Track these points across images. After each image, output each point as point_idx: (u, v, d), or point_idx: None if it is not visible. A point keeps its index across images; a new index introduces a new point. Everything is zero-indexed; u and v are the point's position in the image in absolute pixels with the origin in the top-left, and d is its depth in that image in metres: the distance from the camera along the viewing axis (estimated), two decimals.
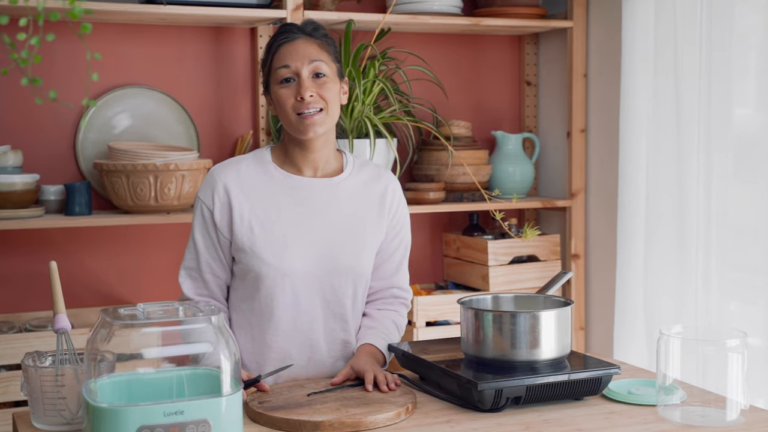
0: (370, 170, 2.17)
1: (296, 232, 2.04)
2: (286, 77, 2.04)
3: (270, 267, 2.02)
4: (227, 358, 1.54)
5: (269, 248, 2.02)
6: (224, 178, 2.07)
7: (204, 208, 2.07)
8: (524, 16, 3.27)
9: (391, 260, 2.17)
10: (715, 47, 2.63)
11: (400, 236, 2.17)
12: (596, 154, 3.29)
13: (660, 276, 2.84)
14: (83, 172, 2.99)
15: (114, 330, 1.52)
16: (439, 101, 3.40)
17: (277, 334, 2.05)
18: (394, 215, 2.16)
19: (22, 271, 2.96)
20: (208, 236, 2.07)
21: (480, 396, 1.73)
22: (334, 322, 2.08)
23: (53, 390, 1.66)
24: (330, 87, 2.05)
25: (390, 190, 2.15)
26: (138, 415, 1.46)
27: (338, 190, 2.10)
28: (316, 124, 2.03)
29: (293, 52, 2.05)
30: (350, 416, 1.67)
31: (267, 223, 2.04)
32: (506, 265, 3.25)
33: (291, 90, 2.03)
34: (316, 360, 2.08)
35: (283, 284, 2.03)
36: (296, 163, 2.10)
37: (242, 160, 2.11)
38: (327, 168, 2.13)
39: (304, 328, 2.06)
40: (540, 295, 2.00)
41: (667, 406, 1.72)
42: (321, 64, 2.05)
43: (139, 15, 2.82)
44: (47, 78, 2.92)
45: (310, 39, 2.07)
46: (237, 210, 2.04)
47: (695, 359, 1.71)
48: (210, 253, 2.08)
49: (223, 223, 2.05)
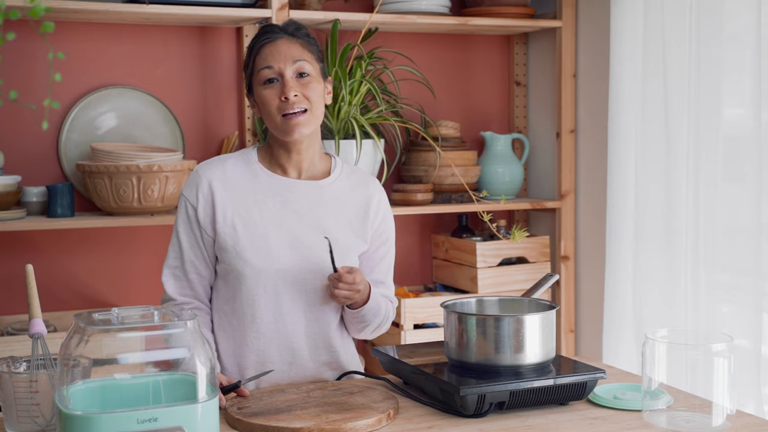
0: (357, 177, 2.15)
1: (279, 233, 2.02)
2: (270, 78, 2.02)
3: (252, 267, 2.00)
4: (203, 363, 1.51)
5: (251, 248, 2.00)
6: (209, 175, 2.05)
7: (188, 205, 2.05)
8: (513, 15, 3.24)
9: (377, 271, 2.14)
10: (703, 47, 2.60)
11: (385, 247, 2.15)
12: (585, 155, 3.27)
13: (649, 277, 2.82)
14: (66, 173, 2.96)
15: (87, 335, 1.49)
16: (427, 102, 3.38)
17: (258, 337, 2.03)
18: (380, 225, 2.13)
19: (3, 274, 2.92)
20: (192, 234, 2.05)
21: (462, 401, 1.71)
22: (317, 325, 2.06)
23: (27, 396, 1.63)
24: (314, 87, 2.03)
25: (376, 200, 2.13)
26: (111, 423, 1.44)
27: (323, 192, 2.08)
28: (301, 125, 2.01)
29: (276, 52, 2.03)
30: (330, 422, 1.65)
31: (250, 223, 2.02)
32: (495, 267, 3.22)
33: (275, 91, 2.01)
34: (298, 364, 2.06)
35: (266, 285, 2.01)
36: (282, 164, 2.09)
37: (228, 158, 2.10)
38: (312, 169, 2.11)
39: (285, 330, 2.04)
40: (525, 298, 1.98)
41: (653, 411, 1.70)
42: (304, 64, 2.03)
43: (122, 14, 2.79)
44: (28, 77, 2.89)
45: (293, 39, 2.05)
46: (220, 208, 2.03)
47: (681, 363, 1.68)
48: (194, 252, 2.06)
49: (206, 220, 2.04)
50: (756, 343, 2.47)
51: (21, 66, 2.88)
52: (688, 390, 1.74)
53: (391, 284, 2.19)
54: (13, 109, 2.90)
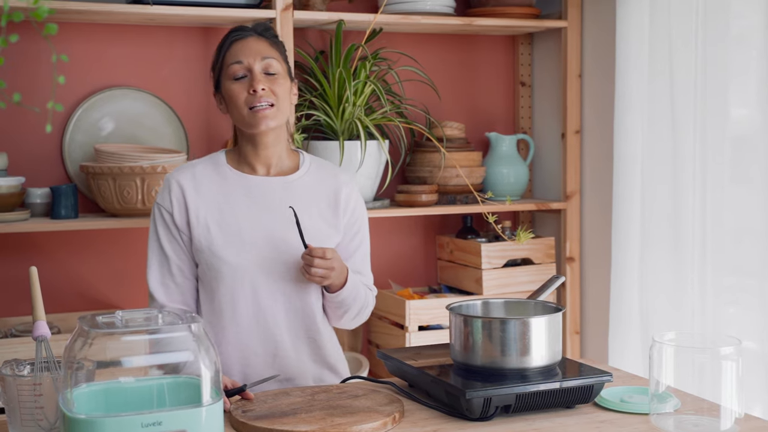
0: (326, 170, 2.19)
1: (253, 231, 2.07)
2: (239, 74, 2.08)
3: (228, 265, 2.04)
4: (207, 366, 1.50)
5: (227, 247, 2.05)
6: (180, 180, 2.11)
7: (164, 211, 2.10)
8: (518, 15, 3.23)
9: (352, 261, 2.18)
10: (710, 47, 2.59)
11: (359, 237, 2.19)
12: (591, 156, 3.26)
13: (655, 279, 2.80)
14: (70, 174, 2.95)
15: (91, 338, 1.48)
16: (432, 102, 3.37)
17: (239, 332, 2.07)
18: (351, 215, 2.17)
19: (8, 276, 2.92)
20: (174, 239, 2.09)
21: (468, 404, 1.69)
22: (297, 317, 2.09)
23: (30, 399, 1.62)
24: (281, 83, 2.09)
25: (346, 191, 2.17)
26: (115, 426, 1.42)
27: (293, 188, 2.13)
28: (268, 117, 2.06)
29: (246, 48, 2.10)
30: (335, 426, 1.63)
31: (223, 223, 2.07)
32: (500, 269, 3.21)
33: (243, 85, 2.08)
34: (281, 356, 2.09)
35: (243, 282, 2.05)
36: (250, 162, 2.13)
37: (197, 163, 2.15)
38: (281, 165, 2.15)
39: (266, 324, 2.08)
40: (531, 300, 1.96)
41: (660, 414, 1.68)
42: (272, 62, 2.09)
43: (126, 15, 2.78)
44: (32, 80, 2.88)
45: (261, 38, 2.12)
46: (193, 211, 2.08)
47: (689, 367, 1.67)
48: (179, 256, 2.09)
49: (183, 223, 2.08)
50: (763, 345, 2.45)
51: (24, 68, 2.87)
52: (696, 393, 1.73)
53: (368, 273, 2.22)
54: (16, 110, 2.89)
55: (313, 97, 3.04)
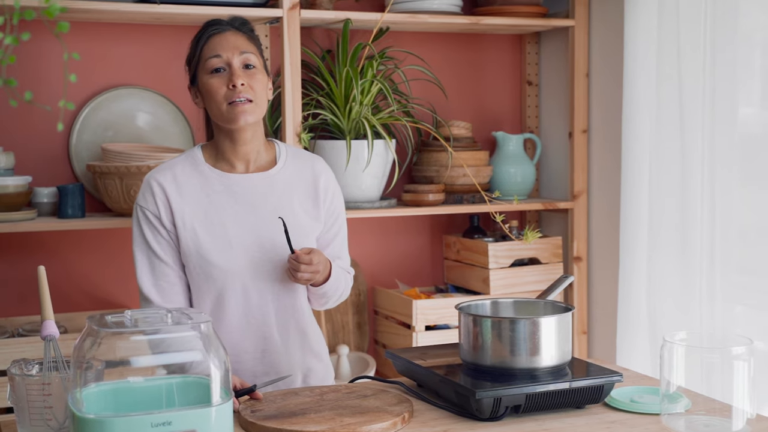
0: (302, 160, 2.19)
1: (238, 230, 2.06)
2: (218, 67, 2.06)
3: (217, 267, 2.04)
4: (217, 366, 1.49)
5: (214, 249, 2.04)
6: (161, 181, 2.09)
7: (149, 213, 2.08)
8: (525, 14, 3.22)
9: (332, 246, 2.19)
10: (719, 46, 2.58)
11: (338, 223, 2.21)
12: (598, 155, 3.25)
13: (663, 278, 2.79)
14: (77, 174, 2.95)
15: (101, 338, 1.47)
16: (439, 101, 3.36)
17: (229, 332, 2.07)
18: (330, 203, 2.18)
19: (15, 275, 2.92)
20: (164, 240, 2.08)
21: (478, 405, 1.69)
22: (286, 312, 2.11)
23: (39, 399, 1.62)
24: (259, 78, 2.08)
25: (323, 179, 2.18)
26: (125, 426, 1.42)
27: (273, 182, 2.13)
28: (247, 112, 2.04)
29: (224, 42, 2.08)
30: (344, 426, 1.63)
31: (209, 225, 2.06)
32: (507, 268, 3.20)
33: (222, 79, 2.06)
34: (270, 351, 2.10)
35: (233, 282, 2.05)
36: (228, 158, 2.12)
37: (176, 163, 2.13)
38: (259, 160, 2.15)
39: (256, 322, 2.08)
40: (540, 300, 1.96)
41: (671, 414, 1.67)
42: (251, 56, 2.09)
43: (133, 14, 2.77)
44: (37, 78, 2.88)
45: (239, 32, 2.12)
46: (179, 214, 2.06)
47: (700, 367, 1.66)
48: (171, 257, 2.08)
49: (170, 224, 2.07)
50: None
51: (31, 66, 2.87)
52: (707, 393, 1.72)
53: (346, 257, 2.24)
54: (23, 110, 2.89)
55: (320, 96, 3.03)
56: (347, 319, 3.24)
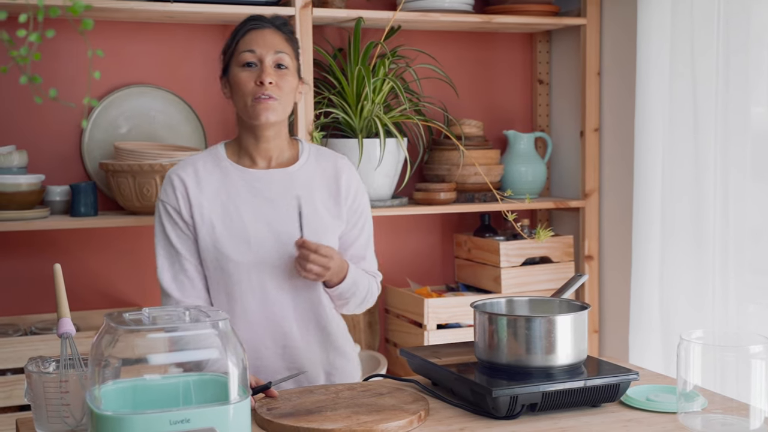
0: (325, 158, 2.19)
1: (257, 226, 2.07)
2: (250, 62, 2.08)
3: (235, 262, 2.05)
4: (234, 364, 1.49)
5: (231, 244, 2.05)
6: (182, 176, 2.10)
7: (170, 208, 2.09)
8: (536, 13, 3.22)
9: (355, 247, 2.18)
10: (732, 44, 2.57)
11: (361, 222, 2.19)
12: (610, 154, 3.24)
13: (676, 277, 2.79)
14: (89, 172, 2.96)
15: (119, 335, 1.47)
16: (450, 100, 3.36)
17: (249, 327, 2.07)
18: (353, 201, 2.17)
19: (27, 273, 2.92)
20: (184, 234, 2.09)
21: (495, 403, 1.69)
22: (305, 308, 2.11)
23: (57, 396, 1.62)
24: (289, 80, 2.09)
25: (345, 177, 2.17)
26: (143, 424, 1.42)
27: (294, 179, 2.12)
28: (269, 109, 2.05)
29: (260, 39, 2.09)
30: (361, 424, 1.63)
31: (227, 220, 2.07)
32: (518, 267, 3.20)
33: (252, 74, 2.07)
34: (291, 347, 2.10)
35: (250, 277, 2.06)
36: (250, 154, 2.13)
37: (197, 159, 2.14)
38: (281, 158, 2.15)
39: (275, 317, 2.08)
40: (555, 298, 1.95)
41: (688, 413, 1.67)
42: (284, 56, 2.09)
43: (146, 13, 2.78)
44: (51, 76, 2.88)
45: (278, 31, 2.12)
46: (197, 208, 2.07)
47: (716, 365, 1.65)
48: (190, 251, 2.09)
49: (189, 219, 2.08)
50: None
51: (44, 65, 2.87)
52: (723, 392, 1.72)
53: (372, 259, 2.22)
54: (36, 108, 2.90)
55: (332, 94, 3.03)
56: (358, 317, 3.24)
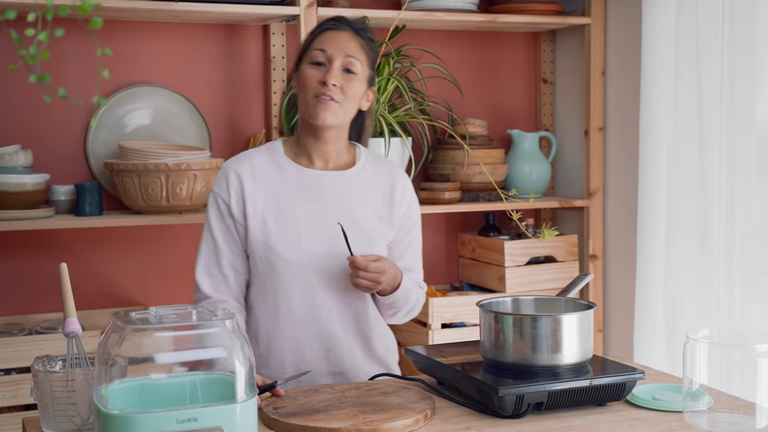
0: (382, 165, 2.17)
1: (309, 225, 2.04)
2: (319, 60, 2.05)
3: (283, 260, 2.02)
4: (241, 363, 1.49)
5: (282, 241, 2.02)
6: (238, 170, 2.08)
7: (220, 201, 2.07)
8: (541, 12, 3.22)
9: (406, 257, 2.16)
10: (738, 44, 2.57)
11: (413, 233, 2.17)
12: (615, 153, 3.24)
13: (681, 277, 2.79)
14: (94, 171, 2.96)
15: (126, 334, 1.48)
16: (455, 99, 3.36)
17: (294, 327, 2.05)
18: (406, 212, 2.15)
19: (32, 273, 2.93)
20: (227, 230, 2.07)
21: (501, 402, 1.69)
22: (350, 313, 2.08)
23: (63, 395, 1.63)
24: (355, 85, 2.05)
25: (401, 186, 2.15)
26: (150, 422, 1.42)
27: (350, 182, 2.11)
28: (329, 111, 2.03)
29: (334, 40, 2.07)
30: (367, 423, 1.63)
31: (279, 217, 2.04)
32: (523, 266, 3.20)
33: (318, 73, 2.04)
34: (335, 350, 2.08)
35: (298, 277, 2.03)
36: (308, 154, 2.11)
37: (255, 153, 2.12)
38: (339, 161, 2.13)
39: (321, 319, 2.06)
40: (561, 297, 1.95)
41: (694, 412, 1.67)
42: (355, 62, 2.06)
43: (150, 12, 2.78)
44: (57, 76, 2.89)
45: (355, 36, 2.09)
46: (251, 202, 2.05)
47: (723, 364, 1.65)
48: (230, 248, 2.07)
49: (239, 214, 2.06)
50: None
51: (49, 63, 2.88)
52: (730, 391, 1.72)
53: (419, 270, 2.21)
54: (41, 108, 2.90)
55: None
56: None
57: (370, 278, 1.98)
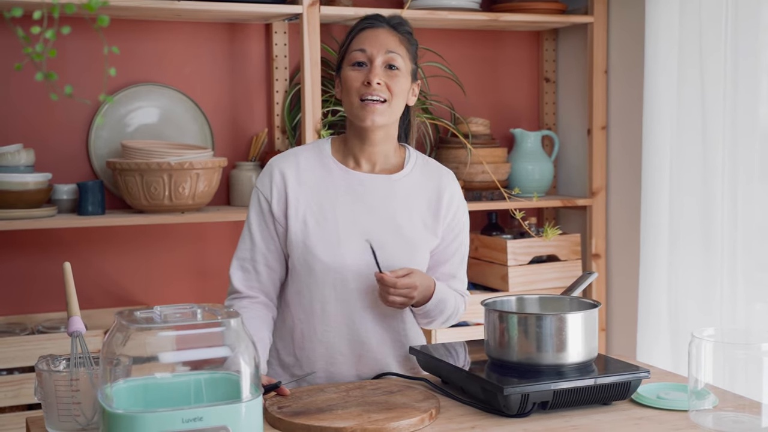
0: (430, 170, 2.12)
1: (350, 229, 2.00)
2: (359, 61, 2.01)
3: (321, 263, 1.99)
4: (246, 362, 1.49)
5: (322, 243, 1.99)
6: (283, 168, 2.04)
7: (261, 198, 2.04)
8: (544, 11, 3.21)
9: (449, 264, 2.12)
10: (741, 43, 2.57)
11: (458, 241, 2.12)
12: (617, 152, 3.24)
13: (684, 276, 2.78)
14: (96, 170, 2.96)
15: (130, 333, 1.47)
16: (457, 98, 3.35)
17: (328, 330, 2.02)
18: (453, 218, 2.10)
19: (35, 272, 2.92)
20: (266, 227, 2.04)
21: (506, 401, 1.68)
22: (387, 320, 2.05)
23: (68, 395, 1.62)
24: (400, 81, 2.01)
25: (449, 193, 2.10)
26: (156, 422, 1.42)
27: (396, 187, 2.06)
28: (377, 112, 1.98)
29: (373, 38, 2.02)
30: (372, 422, 1.62)
31: (321, 218, 2.01)
32: (526, 265, 3.20)
33: (361, 74, 2.00)
34: (367, 357, 2.04)
35: (335, 281, 1.99)
36: (355, 156, 2.06)
37: (301, 151, 2.08)
38: (386, 163, 2.08)
39: (354, 324, 2.02)
40: (566, 296, 1.95)
41: (699, 411, 1.67)
42: (396, 57, 2.01)
43: (153, 11, 2.78)
44: (59, 74, 2.87)
45: (393, 31, 2.05)
46: (293, 202, 2.02)
47: (728, 363, 1.65)
48: (267, 245, 2.04)
49: (280, 213, 2.03)
50: None
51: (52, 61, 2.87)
52: (735, 390, 1.71)
53: (463, 277, 2.16)
54: (43, 106, 2.90)
55: None
56: None
57: (402, 294, 1.94)
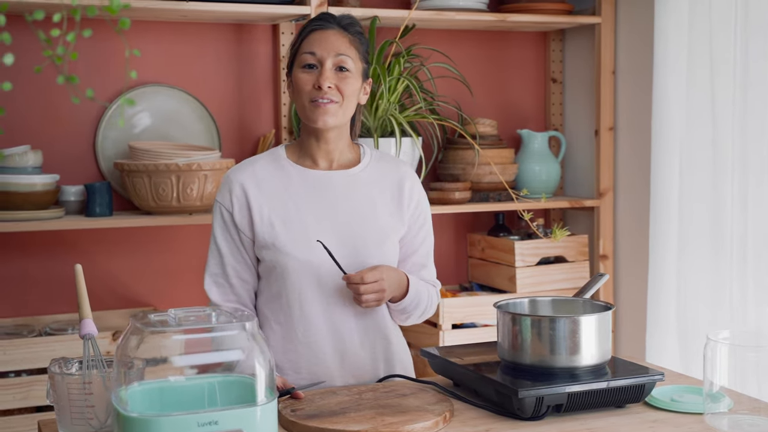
0: (387, 162, 2.15)
1: (317, 225, 2.02)
2: (310, 63, 2.03)
3: (295, 260, 1.99)
4: (261, 365, 1.48)
5: (292, 242, 2.00)
6: (240, 178, 2.05)
7: (223, 210, 2.05)
8: (551, 12, 3.21)
9: (417, 255, 2.14)
10: (752, 45, 2.56)
11: (424, 229, 2.15)
12: (625, 153, 3.23)
13: (694, 278, 2.77)
14: (103, 172, 2.95)
15: (145, 336, 1.47)
16: (464, 99, 3.34)
17: (308, 330, 2.02)
18: (416, 208, 2.13)
19: (42, 274, 2.91)
20: (231, 239, 2.05)
21: (520, 404, 1.68)
22: (367, 315, 2.05)
23: (80, 398, 1.61)
24: (350, 82, 2.03)
25: (408, 183, 2.13)
26: (170, 425, 1.41)
27: (355, 180, 2.09)
28: (328, 113, 2.01)
29: (323, 40, 2.03)
30: (386, 425, 1.62)
31: (287, 218, 2.02)
32: (533, 266, 3.19)
33: (311, 77, 2.02)
34: (351, 353, 2.04)
35: (310, 278, 2.00)
36: (312, 155, 2.09)
37: (257, 160, 2.10)
38: (342, 159, 2.11)
39: (335, 321, 2.03)
40: (579, 298, 1.94)
41: (715, 414, 1.66)
42: (346, 59, 2.03)
43: (160, 12, 2.77)
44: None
45: (343, 32, 2.05)
46: (256, 209, 2.03)
47: (743, 366, 1.64)
48: (235, 257, 2.05)
49: (243, 222, 2.03)
50: None
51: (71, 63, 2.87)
52: (750, 393, 1.71)
53: (432, 267, 2.18)
54: (50, 108, 2.89)
55: None
56: None
57: (373, 289, 1.95)
